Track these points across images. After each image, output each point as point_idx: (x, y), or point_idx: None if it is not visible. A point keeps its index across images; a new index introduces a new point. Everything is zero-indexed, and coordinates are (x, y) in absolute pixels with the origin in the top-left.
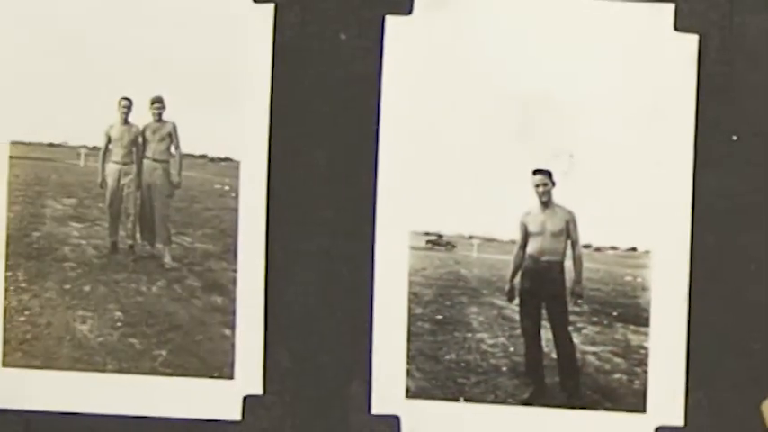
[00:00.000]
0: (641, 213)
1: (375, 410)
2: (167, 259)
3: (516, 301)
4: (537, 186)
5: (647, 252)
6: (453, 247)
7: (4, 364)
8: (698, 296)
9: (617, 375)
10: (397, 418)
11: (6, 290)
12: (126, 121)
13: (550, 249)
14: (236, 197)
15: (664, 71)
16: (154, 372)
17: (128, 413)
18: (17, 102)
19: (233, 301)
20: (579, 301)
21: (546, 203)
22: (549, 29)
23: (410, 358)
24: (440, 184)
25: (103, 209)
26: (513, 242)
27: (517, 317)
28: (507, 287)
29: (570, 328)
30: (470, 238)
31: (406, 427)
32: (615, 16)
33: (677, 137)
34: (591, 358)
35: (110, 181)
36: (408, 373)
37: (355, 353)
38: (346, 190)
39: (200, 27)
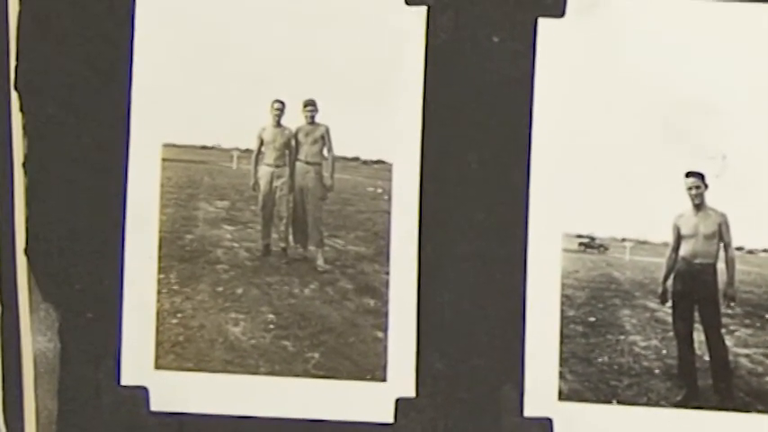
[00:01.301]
0: None
1: (528, 413)
2: (320, 262)
3: (669, 303)
4: (689, 189)
5: None
6: (606, 249)
7: (157, 367)
8: None
9: None
10: (549, 421)
11: (159, 292)
12: (279, 124)
13: (703, 252)
14: (389, 199)
15: None
16: (306, 374)
17: (280, 415)
18: (170, 104)
19: (385, 303)
20: (732, 304)
21: (698, 206)
22: (699, 31)
23: (563, 361)
24: (592, 186)
25: (256, 211)
26: (665, 244)
27: (670, 319)
28: (660, 290)
29: (723, 330)
30: (623, 240)
31: (559, 430)
32: (766, 19)
33: None
34: (743, 361)
35: (262, 183)
36: (561, 375)
37: (508, 355)
38: (499, 192)
39: (353, 30)
